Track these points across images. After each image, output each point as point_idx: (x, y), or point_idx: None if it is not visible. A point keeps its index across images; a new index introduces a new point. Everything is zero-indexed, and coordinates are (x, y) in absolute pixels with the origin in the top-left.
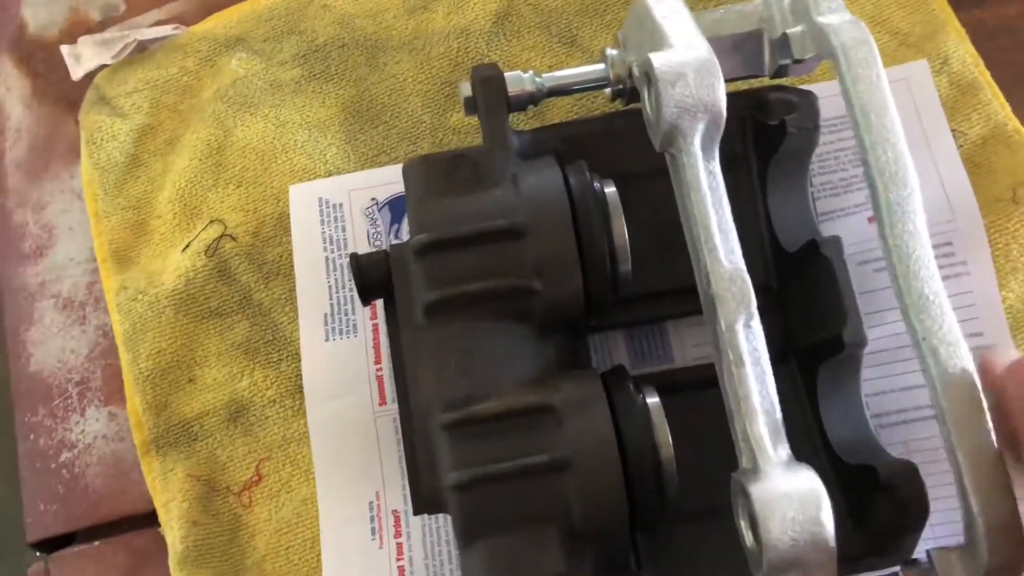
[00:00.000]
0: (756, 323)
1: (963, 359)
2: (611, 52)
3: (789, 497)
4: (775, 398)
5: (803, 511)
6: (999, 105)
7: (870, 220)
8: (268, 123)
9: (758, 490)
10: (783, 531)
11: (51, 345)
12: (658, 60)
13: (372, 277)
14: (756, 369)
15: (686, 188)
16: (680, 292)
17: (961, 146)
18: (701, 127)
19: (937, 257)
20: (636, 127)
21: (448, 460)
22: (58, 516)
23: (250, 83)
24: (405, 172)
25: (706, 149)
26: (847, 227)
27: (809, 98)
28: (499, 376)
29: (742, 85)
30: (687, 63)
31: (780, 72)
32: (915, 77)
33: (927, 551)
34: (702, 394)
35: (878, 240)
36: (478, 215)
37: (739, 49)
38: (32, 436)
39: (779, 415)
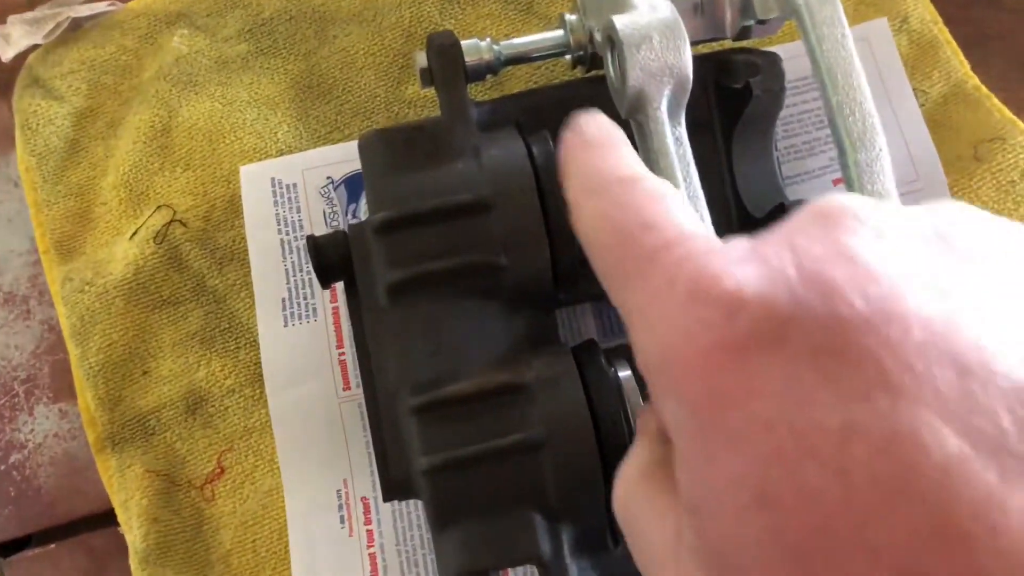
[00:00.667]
0: None
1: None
2: (570, 17)
3: None
4: None
5: None
6: (958, 63)
7: (835, 182)
8: (215, 102)
9: None
10: None
11: None
12: (621, 22)
13: (331, 258)
14: None
15: (653, 155)
16: None
17: (923, 105)
18: (667, 92)
19: None
20: (598, 94)
21: (418, 445)
22: (11, 519)
23: (194, 61)
24: (361, 147)
25: (672, 114)
26: (813, 190)
27: (774, 59)
28: (467, 356)
29: (703, 49)
30: (652, 25)
31: (743, 34)
32: (875, 36)
33: None
34: None
35: None
36: (440, 190)
37: (700, 11)
38: None
39: None
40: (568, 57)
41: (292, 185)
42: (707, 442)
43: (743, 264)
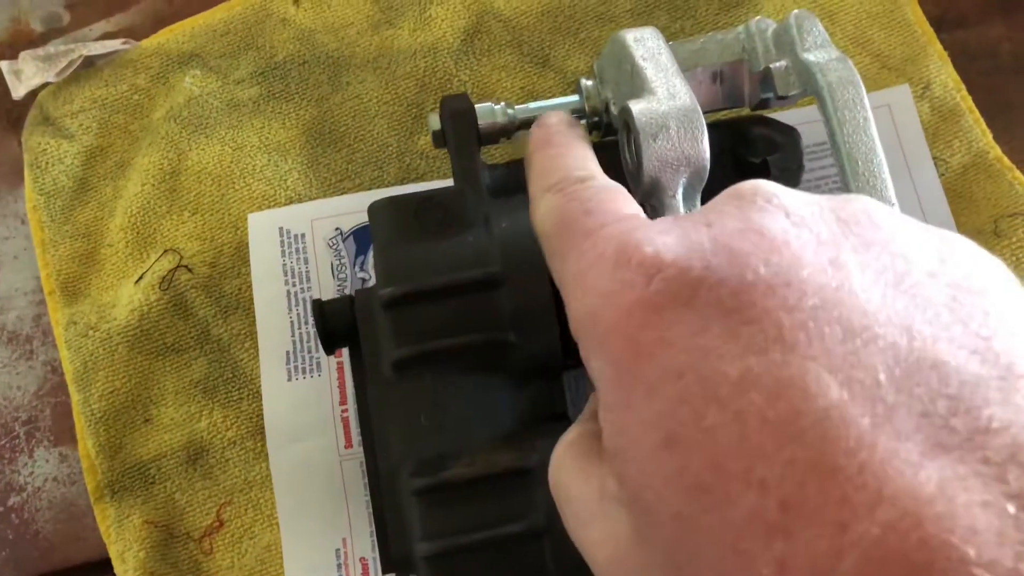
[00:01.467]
0: None
1: None
2: (586, 83)
3: None
4: None
5: None
6: (981, 132)
7: None
8: (225, 146)
9: None
10: None
11: None
12: (638, 109)
13: (336, 325)
14: None
15: None
16: None
17: (943, 174)
18: (683, 180)
19: None
20: (617, 160)
21: (419, 529)
22: (7, 564)
23: (205, 103)
24: (371, 214)
25: (688, 199)
26: None
27: (793, 137)
28: (472, 432)
29: (720, 115)
30: (669, 114)
31: (761, 105)
32: (897, 103)
33: None
34: None
35: None
36: (449, 265)
37: (719, 81)
38: None
39: None
40: (583, 122)
41: (300, 235)
42: (626, 390)
43: (664, 235)
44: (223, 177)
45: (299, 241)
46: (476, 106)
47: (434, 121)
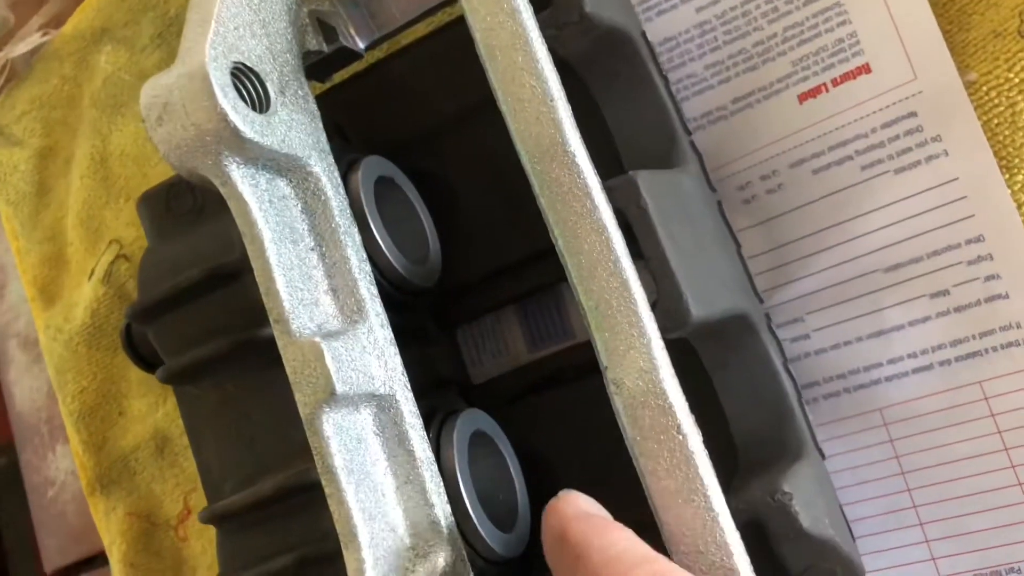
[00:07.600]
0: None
1: (658, 396)
2: None
3: None
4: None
5: None
6: None
7: (801, 97)
8: (139, 123)
9: None
10: None
11: (23, 384)
12: (144, 92)
13: (145, 350)
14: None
15: (240, 231)
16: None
17: None
18: (227, 157)
19: (900, 136)
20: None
21: (220, 562)
22: (57, 551)
23: (118, 79)
24: (139, 213)
25: (257, 181)
26: (771, 112)
27: None
28: (283, 441)
29: None
30: (172, 86)
31: None
32: None
33: None
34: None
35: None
36: (191, 260)
37: None
38: (27, 473)
39: None
40: None
41: None
42: None
43: None
44: (141, 157)
45: None
46: None
47: None
